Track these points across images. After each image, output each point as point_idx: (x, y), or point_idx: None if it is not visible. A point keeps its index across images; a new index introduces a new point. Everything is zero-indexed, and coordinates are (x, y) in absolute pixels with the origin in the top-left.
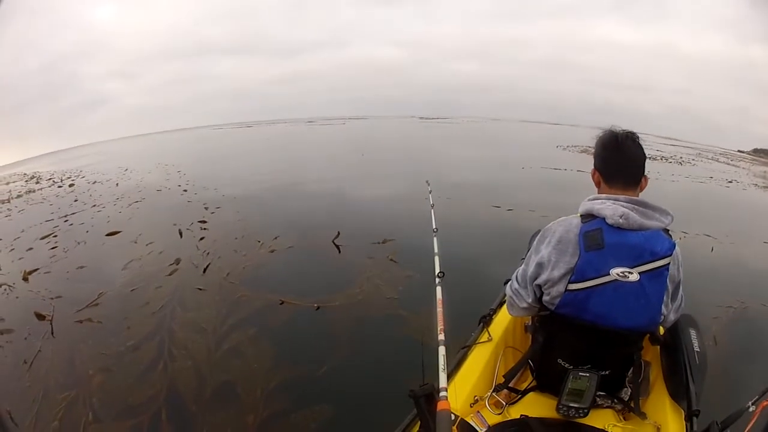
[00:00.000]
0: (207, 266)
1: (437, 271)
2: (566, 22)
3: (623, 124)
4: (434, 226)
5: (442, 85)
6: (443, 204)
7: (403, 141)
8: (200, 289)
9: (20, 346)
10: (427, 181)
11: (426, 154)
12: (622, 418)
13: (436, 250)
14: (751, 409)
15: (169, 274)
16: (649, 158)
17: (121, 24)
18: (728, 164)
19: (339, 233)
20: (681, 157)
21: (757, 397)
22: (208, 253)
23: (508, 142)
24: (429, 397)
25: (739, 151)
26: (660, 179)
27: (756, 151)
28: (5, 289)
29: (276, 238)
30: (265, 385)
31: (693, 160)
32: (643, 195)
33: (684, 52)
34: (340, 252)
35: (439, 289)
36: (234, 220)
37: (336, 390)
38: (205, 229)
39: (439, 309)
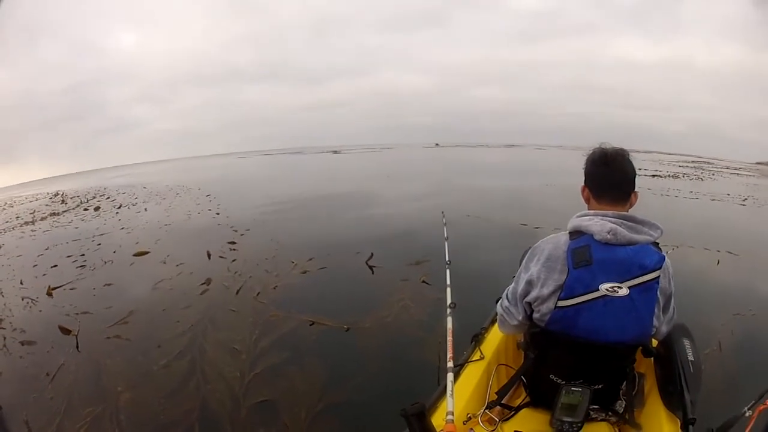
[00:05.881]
0: (240, 288)
1: (449, 302)
2: (584, 43)
3: (649, 146)
4: (447, 259)
5: (465, 111)
6: (467, 223)
7: (431, 166)
8: (232, 311)
9: (42, 358)
10: (442, 213)
11: (457, 179)
12: (617, 431)
13: (448, 282)
14: (747, 414)
15: (200, 294)
16: (671, 176)
17: (145, 51)
18: (747, 176)
19: (372, 254)
20: (702, 173)
21: (753, 401)
22: (239, 274)
23: (538, 165)
24: (420, 415)
25: (758, 162)
26: (680, 197)
27: None
28: (27, 303)
29: (310, 259)
30: (305, 409)
31: (713, 175)
32: (633, 210)
33: (701, 66)
34: (373, 273)
35: (450, 319)
36: (264, 242)
37: (361, 414)
38: (234, 250)
39: (449, 338)
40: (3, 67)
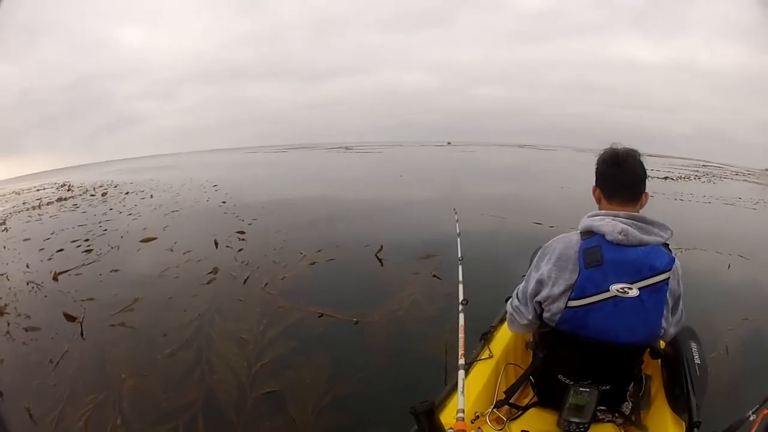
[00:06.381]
0: (247, 277)
1: (461, 298)
2: (584, 43)
3: (653, 149)
4: (459, 255)
5: (466, 110)
6: (479, 220)
7: (443, 165)
8: (240, 300)
9: (47, 344)
10: (454, 209)
11: (470, 177)
12: None
13: (460, 278)
14: (751, 418)
15: (207, 283)
16: (683, 178)
17: (147, 48)
18: (758, 184)
19: (382, 247)
20: (713, 177)
21: (757, 405)
22: (246, 264)
23: (551, 165)
24: (429, 413)
25: (767, 169)
26: (692, 201)
27: None
28: (33, 287)
29: (319, 251)
30: (312, 401)
31: (723, 179)
32: (644, 211)
33: (704, 67)
34: (382, 266)
35: (461, 316)
36: (272, 233)
37: (368, 407)
38: (242, 240)
39: (461, 335)
40: (6, 65)
